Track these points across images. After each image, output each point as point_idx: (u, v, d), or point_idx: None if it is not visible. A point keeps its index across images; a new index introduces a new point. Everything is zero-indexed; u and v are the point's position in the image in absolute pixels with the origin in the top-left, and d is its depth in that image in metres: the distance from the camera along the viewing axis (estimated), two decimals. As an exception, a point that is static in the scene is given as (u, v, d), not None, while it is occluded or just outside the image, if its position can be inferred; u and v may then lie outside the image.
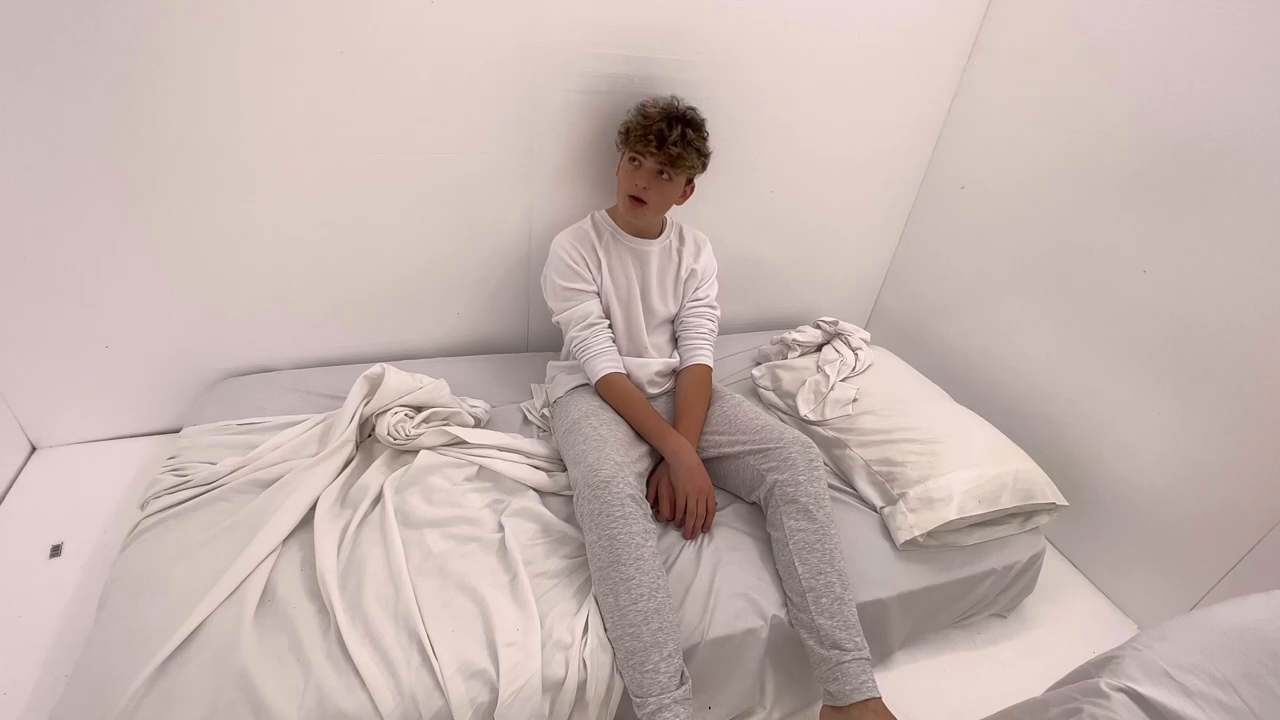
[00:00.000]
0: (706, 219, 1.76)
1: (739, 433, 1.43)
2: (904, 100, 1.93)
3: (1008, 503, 1.42)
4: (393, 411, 1.48)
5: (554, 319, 1.57)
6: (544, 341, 2.02)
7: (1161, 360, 1.53)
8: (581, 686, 1.09)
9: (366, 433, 1.50)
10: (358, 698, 0.99)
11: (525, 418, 1.67)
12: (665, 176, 1.39)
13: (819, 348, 1.91)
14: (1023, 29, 1.77)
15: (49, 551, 1.38)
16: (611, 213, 1.56)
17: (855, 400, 1.69)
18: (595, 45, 1.55)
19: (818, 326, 1.93)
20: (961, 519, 1.37)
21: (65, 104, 1.27)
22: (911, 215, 2.20)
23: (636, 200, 1.41)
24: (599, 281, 1.52)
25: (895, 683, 1.40)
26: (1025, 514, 1.51)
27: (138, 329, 1.57)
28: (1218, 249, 1.41)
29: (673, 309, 1.61)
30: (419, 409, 1.52)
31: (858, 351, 1.85)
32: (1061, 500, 1.50)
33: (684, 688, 1.07)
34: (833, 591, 1.21)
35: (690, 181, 1.47)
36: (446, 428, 1.47)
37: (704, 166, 1.44)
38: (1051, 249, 1.76)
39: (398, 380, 1.51)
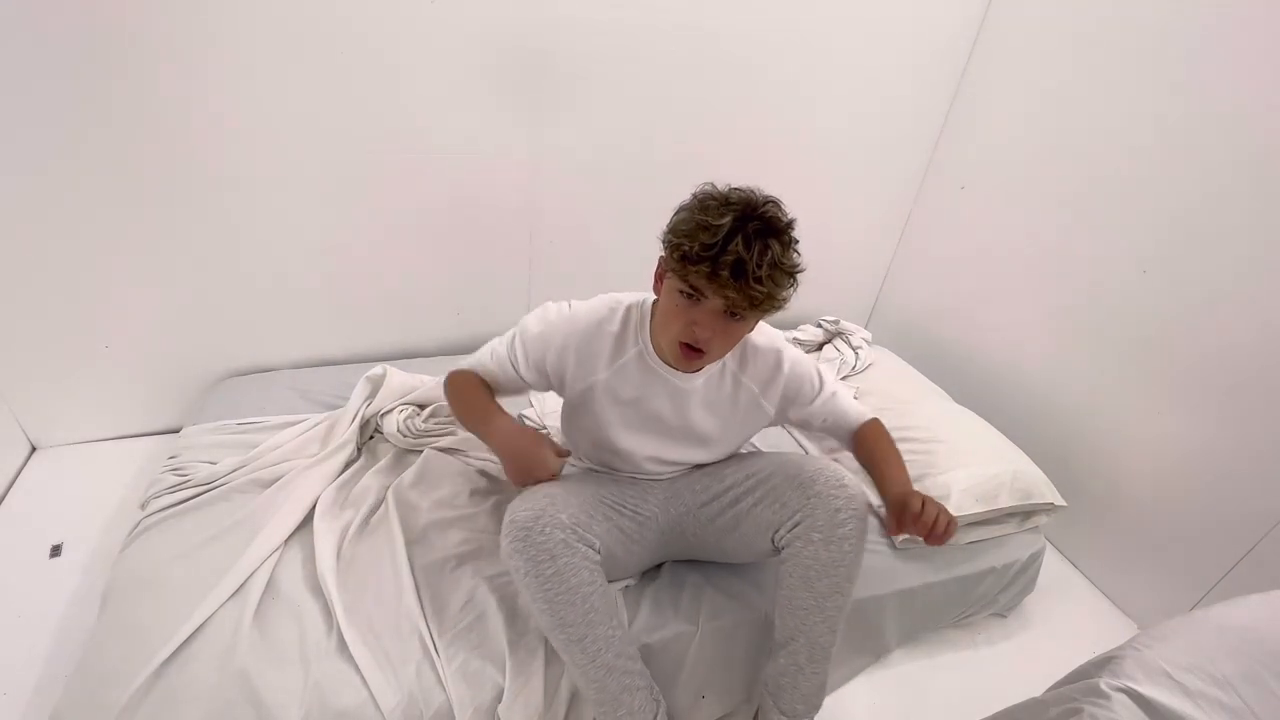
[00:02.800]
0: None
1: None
2: (904, 100, 1.93)
3: (1005, 502, 1.42)
4: (399, 409, 1.48)
5: (475, 355, 1.20)
6: (544, 341, 2.02)
7: (1161, 360, 1.53)
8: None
9: (369, 434, 1.50)
10: (359, 695, 0.99)
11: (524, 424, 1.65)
12: (738, 317, 0.95)
13: (820, 347, 1.91)
14: (1023, 29, 1.77)
15: (49, 551, 1.38)
16: (654, 318, 1.07)
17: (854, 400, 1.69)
18: (595, 44, 1.55)
19: (819, 326, 1.93)
20: (959, 518, 1.37)
21: (65, 106, 1.27)
22: (911, 215, 2.20)
23: (691, 350, 0.97)
24: (576, 394, 1.12)
25: (895, 682, 1.40)
26: (1024, 513, 1.51)
27: (138, 329, 1.57)
28: (1218, 248, 1.41)
29: (736, 442, 1.22)
30: (423, 406, 1.52)
31: (858, 351, 1.85)
32: (1060, 500, 1.50)
33: (660, 713, 1.05)
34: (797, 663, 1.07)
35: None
36: (453, 439, 1.47)
37: (794, 291, 0.97)
38: (1051, 249, 1.76)
39: (399, 380, 1.51)
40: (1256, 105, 1.32)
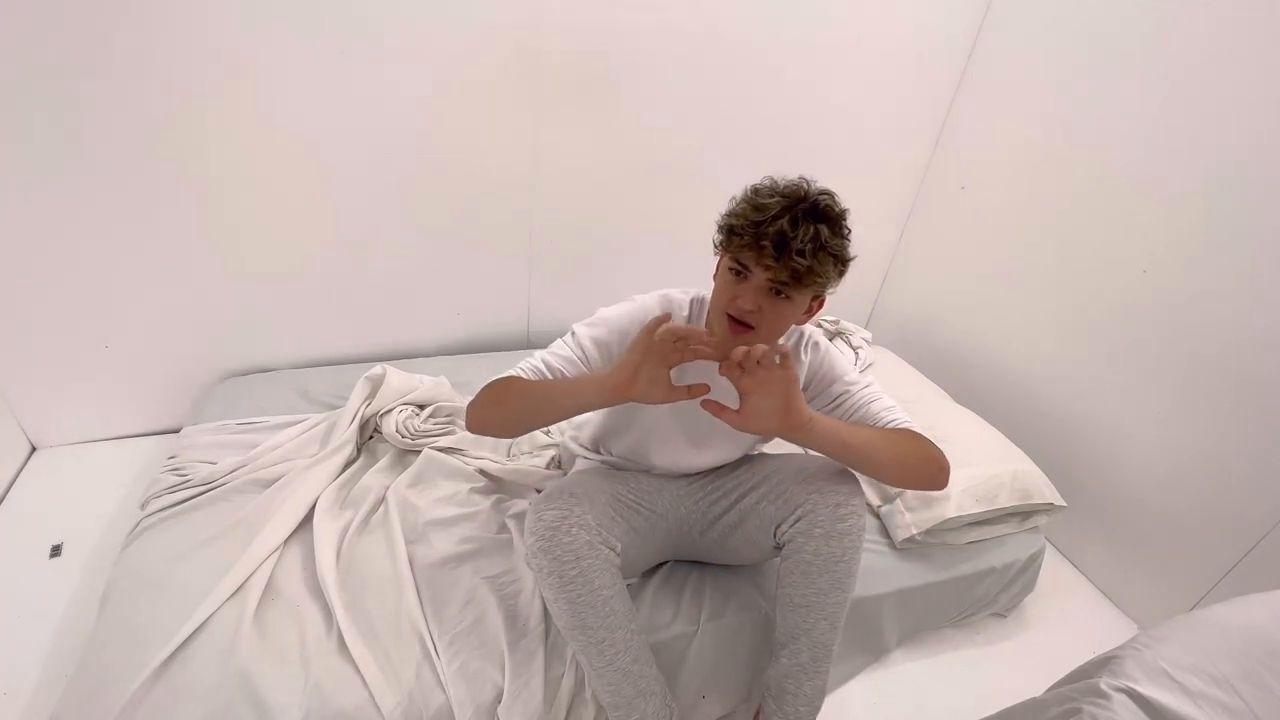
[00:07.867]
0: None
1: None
2: (904, 100, 1.93)
3: (1005, 502, 1.42)
4: (399, 409, 1.48)
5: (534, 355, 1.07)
6: (544, 339, 2.02)
7: (1161, 360, 1.53)
8: (580, 684, 1.09)
9: (368, 434, 1.50)
10: (359, 696, 0.99)
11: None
12: (784, 296, 0.95)
13: (819, 347, 1.91)
14: (1023, 29, 1.77)
15: (49, 551, 1.38)
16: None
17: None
18: (596, 45, 1.55)
19: (819, 325, 1.93)
20: (959, 517, 1.37)
21: (65, 104, 1.27)
22: (911, 215, 2.20)
23: (739, 324, 0.96)
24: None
25: (895, 682, 1.40)
26: (1023, 514, 1.50)
27: (138, 329, 1.57)
28: (1218, 248, 1.41)
29: (732, 455, 1.22)
30: (423, 406, 1.52)
31: (858, 351, 1.85)
32: (1059, 501, 1.50)
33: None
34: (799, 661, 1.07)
35: (820, 295, 1.01)
36: (451, 439, 1.47)
37: (841, 277, 0.99)
38: (1051, 249, 1.76)
39: (399, 380, 1.51)
40: (1256, 104, 1.32)
